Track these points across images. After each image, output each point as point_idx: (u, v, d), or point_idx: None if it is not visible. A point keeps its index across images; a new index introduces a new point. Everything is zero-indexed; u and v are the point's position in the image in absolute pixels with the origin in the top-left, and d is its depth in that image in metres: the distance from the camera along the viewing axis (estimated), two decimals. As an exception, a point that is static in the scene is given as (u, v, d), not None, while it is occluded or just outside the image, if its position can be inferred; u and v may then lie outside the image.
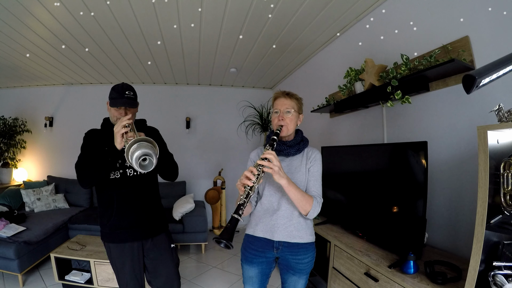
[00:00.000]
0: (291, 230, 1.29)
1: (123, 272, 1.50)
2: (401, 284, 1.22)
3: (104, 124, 1.54)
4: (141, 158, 1.15)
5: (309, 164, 1.33)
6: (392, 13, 2.00)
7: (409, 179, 1.48)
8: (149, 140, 1.20)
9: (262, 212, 1.33)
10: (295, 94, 1.38)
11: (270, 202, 1.32)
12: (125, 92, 1.40)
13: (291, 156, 1.35)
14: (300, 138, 1.39)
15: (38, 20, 2.33)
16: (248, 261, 1.36)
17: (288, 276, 1.36)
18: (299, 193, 1.19)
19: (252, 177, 1.09)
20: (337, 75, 2.59)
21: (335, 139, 2.79)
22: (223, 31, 2.62)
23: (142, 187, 1.51)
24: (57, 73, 3.85)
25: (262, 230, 1.32)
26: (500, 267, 0.90)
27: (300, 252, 1.31)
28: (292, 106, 1.32)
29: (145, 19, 2.38)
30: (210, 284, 2.75)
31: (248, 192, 1.09)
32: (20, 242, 2.57)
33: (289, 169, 1.32)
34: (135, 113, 1.51)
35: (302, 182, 1.30)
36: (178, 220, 3.53)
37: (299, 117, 1.38)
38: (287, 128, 1.30)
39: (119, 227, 1.46)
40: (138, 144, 1.17)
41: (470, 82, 0.80)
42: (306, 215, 1.25)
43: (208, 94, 4.77)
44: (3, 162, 4.11)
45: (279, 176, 1.13)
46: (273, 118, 1.35)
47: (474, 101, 1.42)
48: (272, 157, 1.12)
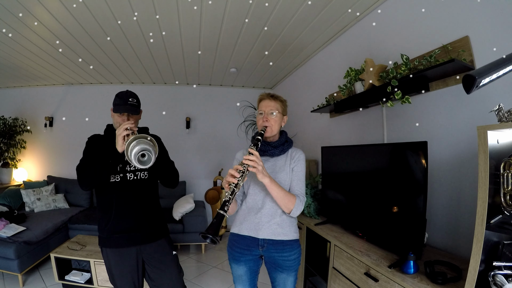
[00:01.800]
0: (275, 227, 1.33)
1: (120, 279, 1.47)
2: (401, 284, 1.22)
3: (107, 130, 1.55)
4: (139, 153, 1.18)
5: (292, 164, 1.38)
6: (392, 13, 2.00)
7: (409, 179, 1.48)
8: (148, 137, 1.22)
9: (246, 211, 1.37)
10: (280, 96, 1.42)
11: (255, 200, 1.35)
12: (128, 99, 1.43)
13: (276, 157, 1.40)
14: (285, 139, 1.43)
15: (38, 20, 2.33)
16: (235, 260, 1.39)
17: (277, 274, 1.38)
18: (282, 192, 1.24)
19: (237, 174, 1.14)
20: (337, 75, 2.59)
21: (335, 139, 2.78)
22: (223, 31, 2.62)
23: (142, 191, 1.50)
24: (57, 73, 3.85)
25: (247, 228, 1.35)
26: (500, 267, 0.90)
27: (286, 249, 1.34)
28: (277, 108, 1.37)
29: (145, 19, 2.38)
30: (210, 284, 2.75)
31: (233, 189, 1.13)
32: (20, 242, 2.57)
33: (274, 169, 1.36)
34: (138, 120, 1.53)
35: (286, 181, 1.35)
36: (178, 220, 3.53)
37: (283, 119, 1.43)
38: (271, 129, 1.35)
39: (117, 232, 1.44)
40: (137, 141, 1.20)
41: (470, 82, 0.80)
42: (289, 213, 1.29)
43: (208, 94, 4.77)
44: (3, 162, 4.11)
45: (262, 175, 1.18)
46: (258, 119, 1.40)
47: (474, 101, 1.42)
48: (254, 157, 1.17)
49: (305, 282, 2.26)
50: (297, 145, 3.70)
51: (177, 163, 1.65)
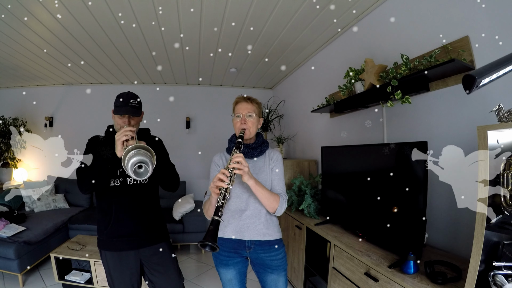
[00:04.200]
0: (261, 228, 1.34)
1: (119, 282, 1.46)
2: (401, 284, 1.22)
3: (108, 132, 1.54)
4: (136, 165, 1.14)
5: (272, 165, 1.41)
6: (392, 13, 2.00)
7: (409, 179, 1.48)
8: (147, 148, 1.19)
9: (230, 214, 1.37)
10: (255, 99, 1.45)
11: (237, 203, 1.36)
12: (129, 101, 1.41)
13: (255, 158, 1.42)
14: (261, 140, 1.46)
15: (38, 20, 2.33)
16: (223, 264, 1.38)
17: (267, 275, 1.38)
18: (266, 192, 1.27)
19: (225, 179, 1.15)
20: (337, 75, 2.59)
21: (335, 139, 2.78)
22: (223, 31, 2.62)
23: (142, 196, 1.48)
24: (57, 73, 3.85)
25: (232, 231, 1.35)
26: (500, 267, 0.90)
27: (273, 249, 1.36)
28: (254, 110, 1.41)
29: (145, 19, 2.37)
30: (210, 284, 2.75)
31: (224, 194, 1.14)
32: (20, 242, 2.57)
33: (254, 170, 1.38)
34: (139, 121, 1.52)
35: (267, 181, 1.37)
36: (178, 220, 3.53)
37: (259, 121, 1.46)
38: (249, 131, 1.38)
39: (116, 235, 1.43)
40: (136, 151, 1.16)
41: (470, 82, 0.80)
42: (274, 212, 1.31)
43: (208, 94, 4.77)
44: (3, 162, 4.11)
45: (248, 177, 1.20)
46: (235, 122, 1.43)
47: (474, 101, 1.42)
48: (241, 159, 1.18)
49: (305, 282, 2.26)
50: (297, 145, 3.72)
51: (177, 163, 1.65)
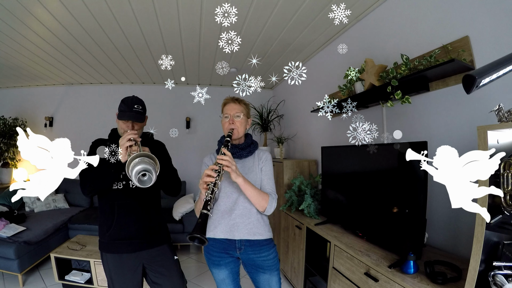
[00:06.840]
0: (251, 227, 1.34)
1: (119, 285, 1.46)
2: (401, 284, 1.22)
3: (112, 135, 1.54)
4: (140, 173, 1.14)
5: (261, 164, 1.42)
6: (392, 13, 2.00)
7: (409, 179, 1.48)
8: (151, 157, 1.19)
9: (219, 215, 1.36)
10: (244, 100, 1.45)
11: (226, 203, 1.36)
12: (133, 106, 1.41)
13: (244, 158, 1.43)
14: (250, 141, 1.47)
15: (38, 20, 2.33)
16: (215, 265, 1.38)
17: (259, 275, 1.38)
18: (255, 191, 1.27)
19: (213, 174, 1.16)
20: (337, 75, 2.59)
21: (335, 139, 2.78)
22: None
23: (144, 199, 1.48)
24: (57, 73, 3.85)
25: (222, 231, 1.35)
26: (500, 267, 0.90)
27: (263, 249, 1.36)
28: (242, 111, 1.41)
29: (145, 19, 2.37)
30: (210, 284, 2.75)
31: (212, 189, 1.15)
32: (20, 242, 2.57)
33: (243, 170, 1.38)
34: (143, 126, 1.51)
35: (256, 181, 1.38)
36: (178, 220, 3.53)
37: (248, 121, 1.46)
38: (237, 131, 1.38)
39: (117, 238, 1.43)
40: (140, 159, 1.16)
41: (470, 82, 0.80)
42: (264, 211, 1.32)
43: (208, 94, 4.76)
44: (3, 162, 4.11)
45: (236, 175, 1.21)
46: (224, 123, 1.42)
47: (474, 101, 1.42)
48: (227, 152, 1.20)
49: (305, 282, 2.26)
50: (297, 145, 3.72)
51: (177, 163, 1.65)
